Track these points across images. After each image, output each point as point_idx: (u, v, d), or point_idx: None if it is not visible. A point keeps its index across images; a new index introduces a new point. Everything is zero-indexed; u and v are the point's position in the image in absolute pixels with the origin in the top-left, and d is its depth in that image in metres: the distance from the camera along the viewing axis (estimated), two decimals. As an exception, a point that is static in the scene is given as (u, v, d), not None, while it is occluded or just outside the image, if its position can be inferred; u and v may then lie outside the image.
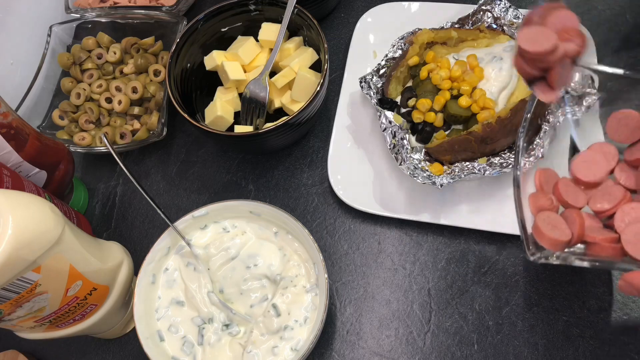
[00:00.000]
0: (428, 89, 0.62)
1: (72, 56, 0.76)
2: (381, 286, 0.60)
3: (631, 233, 0.41)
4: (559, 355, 0.54)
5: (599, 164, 0.47)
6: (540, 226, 0.43)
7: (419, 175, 0.57)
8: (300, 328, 0.52)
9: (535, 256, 0.43)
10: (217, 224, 0.58)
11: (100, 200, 0.71)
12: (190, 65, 0.69)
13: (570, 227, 0.44)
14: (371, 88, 0.64)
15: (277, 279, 0.55)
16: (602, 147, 0.48)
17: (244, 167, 0.70)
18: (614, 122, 0.47)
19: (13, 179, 0.53)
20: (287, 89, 0.68)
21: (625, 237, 0.42)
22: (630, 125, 0.46)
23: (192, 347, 0.53)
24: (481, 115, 0.58)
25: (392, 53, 0.66)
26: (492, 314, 0.57)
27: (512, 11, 0.63)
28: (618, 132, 0.47)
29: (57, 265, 0.45)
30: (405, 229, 0.62)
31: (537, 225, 0.44)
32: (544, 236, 0.43)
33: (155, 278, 0.55)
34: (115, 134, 0.70)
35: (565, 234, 0.43)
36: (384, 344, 0.57)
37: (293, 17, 0.66)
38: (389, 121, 0.59)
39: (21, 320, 0.47)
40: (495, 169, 0.57)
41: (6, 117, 0.55)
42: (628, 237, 0.41)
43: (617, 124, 0.47)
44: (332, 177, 0.64)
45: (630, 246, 0.41)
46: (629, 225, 0.42)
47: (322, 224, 0.64)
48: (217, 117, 0.66)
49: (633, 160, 0.46)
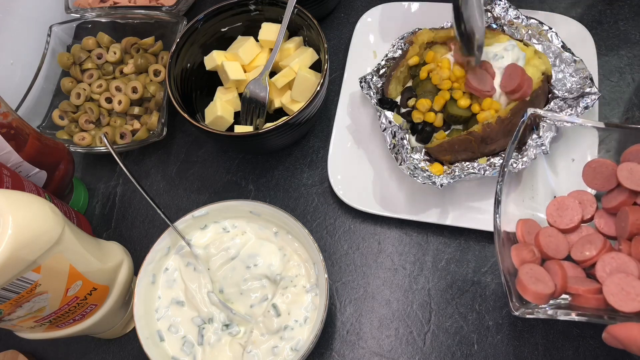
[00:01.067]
0: (428, 89, 0.62)
1: (72, 56, 0.76)
2: (381, 286, 0.60)
3: (612, 284, 0.42)
4: (559, 355, 0.54)
5: (573, 209, 0.48)
6: (524, 280, 0.43)
7: (419, 175, 0.57)
8: (300, 328, 0.52)
9: (519, 310, 0.42)
10: (217, 224, 0.58)
11: (100, 200, 0.71)
12: (190, 65, 0.69)
13: (553, 278, 0.44)
14: (371, 88, 0.64)
15: (277, 279, 0.55)
16: (580, 194, 0.49)
17: (244, 167, 0.70)
18: (590, 171, 0.48)
19: (13, 179, 0.53)
20: (287, 89, 0.68)
21: (606, 288, 0.42)
22: (604, 173, 0.47)
23: (192, 347, 0.53)
24: (481, 115, 0.58)
25: (392, 53, 0.66)
26: (492, 314, 0.57)
27: (512, 11, 0.63)
28: (594, 180, 0.48)
29: (57, 265, 0.45)
30: (405, 229, 0.62)
31: (520, 279, 0.43)
32: (527, 290, 0.43)
33: (155, 278, 0.55)
34: (115, 134, 0.70)
35: (548, 286, 0.43)
36: (384, 344, 0.57)
37: (293, 17, 0.66)
38: (389, 121, 0.59)
39: (21, 320, 0.47)
40: (495, 169, 0.57)
41: (6, 117, 0.55)
42: (609, 289, 0.42)
43: (593, 172, 0.48)
44: (332, 177, 0.64)
45: (611, 297, 0.41)
46: (609, 275, 0.43)
47: (322, 224, 0.64)
48: (217, 117, 0.66)
49: (611, 208, 0.47)
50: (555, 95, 0.60)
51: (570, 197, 0.49)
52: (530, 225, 0.48)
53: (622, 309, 0.41)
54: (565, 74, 0.61)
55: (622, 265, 0.43)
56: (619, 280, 0.41)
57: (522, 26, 0.63)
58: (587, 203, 0.48)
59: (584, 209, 0.48)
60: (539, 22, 0.63)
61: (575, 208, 0.48)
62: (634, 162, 0.46)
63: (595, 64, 0.64)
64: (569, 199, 0.49)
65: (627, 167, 0.46)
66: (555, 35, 0.62)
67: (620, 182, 0.46)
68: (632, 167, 0.46)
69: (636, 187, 0.45)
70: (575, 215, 0.48)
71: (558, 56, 0.61)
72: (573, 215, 0.48)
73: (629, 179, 0.45)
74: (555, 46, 0.61)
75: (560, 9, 0.71)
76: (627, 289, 0.41)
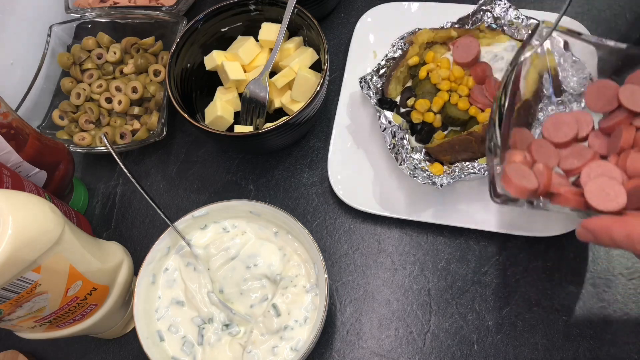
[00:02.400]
0: (427, 89, 0.62)
1: (72, 56, 0.76)
2: (381, 286, 0.60)
3: (594, 185, 0.42)
4: (559, 355, 0.54)
5: (569, 125, 0.48)
6: (509, 173, 0.44)
7: (419, 175, 0.57)
8: (300, 328, 0.52)
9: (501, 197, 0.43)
10: (217, 224, 0.58)
11: (100, 200, 0.71)
12: (190, 65, 0.69)
13: (538, 178, 0.44)
14: (371, 88, 0.64)
15: (277, 279, 0.55)
16: (578, 114, 0.49)
17: (244, 167, 0.70)
18: (593, 92, 0.49)
19: (13, 179, 0.53)
20: (287, 89, 0.68)
21: (588, 188, 0.42)
22: (607, 94, 0.48)
23: (192, 347, 0.53)
24: (482, 115, 0.58)
25: (392, 53, 0.66)
26: (492, 314, 0.57)
27: (512, 11, 0.63)
28: (596, 101, 0.48)
29: (57, 265, 0.45)
30: (405, 229, 0.62)
31: (506, 173, 0.44)
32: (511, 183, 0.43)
33: (155, 278, 0.55)
34: (115, 134, 0.70)
35: (532, 182, 0.44)
36: (384, 344, 0.57)
37: (293, 17, 0.66)
38: (389, 121, 0.59)
39: (21, 320, 0.47)
40: None
41: (6, 117, 0.55)
42: (590, 188, 0.42)
43: (596, 93, 0.48)
44: (332, 177, 0.64)
45: (592, 197, 0.42)
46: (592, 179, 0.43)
47: (322, 224, 0.64)
48: (217, 117, 0.66)
49: (607, 128, 0.48)
50: (555, 95, 0.60)
51: (568, 114, 0.49)
52: (524, 135, 0.48)
53: (600, 207, 0.41)
54: (565, 74, 0.61)
55: (607, 171, 0.44)
56: (602, 182, 0.42)
57: (522, 26, 0.63)
58: (584, 122, 0.48)
59: (580, 126, 0.48)
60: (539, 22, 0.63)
61: (572, 125, 0.48)
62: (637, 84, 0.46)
63: (595, 64, 0.64)
64: (567, 115, 0.49)
65: (629, 88, 0.46)
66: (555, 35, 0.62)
67: (621, 101, 0.46)
68: (634, 89, 0.46)
69: (635, 107, 0.45)
70: (570, 131, 0.48)
71: (562, 55, 0.61)
72: (568, 130, 0.48)
73: (630, 100, 0.46)
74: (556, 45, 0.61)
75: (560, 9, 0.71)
76: (607, 190, 0.42)
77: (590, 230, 0.41)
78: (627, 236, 0.38)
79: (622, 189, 0.42)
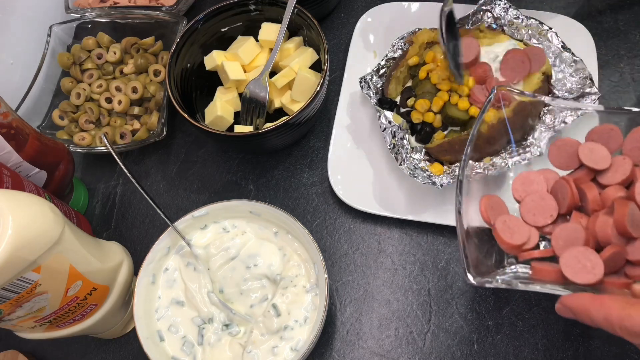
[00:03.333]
0: (427, 89, 0.62)
1: (72, 56, 0.76)
2: (381, 286, 0.60)
3: (569, 256, 0.42)
4: (559, 355, 0.54)
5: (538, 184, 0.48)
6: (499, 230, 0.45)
7: (419, 175, 0.57)
8: (300, 328, 0.52)
9: (476, 279, 0.43)
10: (217, 224, 0.58)
11: (100, 200, 0.71)
12: (190, 65, 0.69)
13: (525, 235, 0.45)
14: (371, 88, 0.64)
15: (277, 279, 0.55)
16: (545, 172, 0.49)
17: (244, 167, 0.70)
18: (555, 149, 0.49)
19: (13, 179, 0.53)
20: (287, 89, 0.68)
21: (563, 260, 0.42)
22: (568, 151, 0.48)
23: (192, 347, 0.53)
24: (481, 115, 0.58)
25: (392, 53, 0.66)
26: (492, 314, 0.57)
27: (512, 11, 0.63)
28: (559, 158, 0.49)
29: (57, 265, 0.45)
30: (405, 229, 0.62)
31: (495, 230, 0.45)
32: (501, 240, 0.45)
33: (155, 278, 0.55)
34: (115, 134, 0.70)
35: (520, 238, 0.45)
36: (384, 344, 0.57)
37: (293, 17, 0.66)
38: (389, 121, 0.59)
39: (21, 320, 0.47)
40: (495, 169, 0.57)
41: (6, 117, 0.55)
42: (566, 261, 0.42)
43: (557, 150, 0.49)
44: (332, 177, 0.64)
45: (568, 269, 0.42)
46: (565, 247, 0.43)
47: (322, 224, 0.64)
48: (217, 117, 0.66)
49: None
50: (555, 95, 0.60)
51: (535, 173, 0.49)
52: (494, 202, 0.48)
53: (577, 280, 0.41)
54: (565, 74, 0.61)
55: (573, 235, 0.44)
56: (577, 253, 0.42)
57: (522, 26, 0.63)
58: (551, 180, 0.49)
59: (549, 184, 0.48)
60: (539, 22, 0.63)
61: (540, 183, 0.48)
62: (597, 141, 0.47)
63: (595, 64, 0.64)
64: (534, 173, 0.49)
65: (588, 146, 0.47)
66: (555, 35, 0.62)
67: (581, 159, 0.47)
68: (593, 147, 0.47)
69: (594, 165, 0.46)
70: (540, 189, 0.48)
71: (558, 56, 0.61)
72: (538, 189, 0.48)
73: (589, 157, 0.46)
74: (555, 46, 0.61)
75: (560, 9, 0.71)
76: (583, 262, 0.42)
77: (569, 308, 0.40)
78: (605, 319, 0.37)
79: (598, 259, 0.41)
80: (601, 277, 0.41)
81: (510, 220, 0.46)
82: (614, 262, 0.42)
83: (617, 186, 0.45)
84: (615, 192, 0.45)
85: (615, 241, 0.42)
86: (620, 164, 0.46)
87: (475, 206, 0.48)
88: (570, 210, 0.47)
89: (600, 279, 0.41)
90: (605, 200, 0.45)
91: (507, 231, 0.45)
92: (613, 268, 0.42)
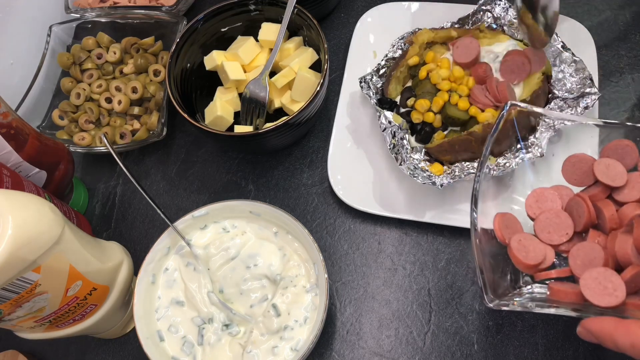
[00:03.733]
0: (427, 89, 0.62)
1: (72, 56, 0.76)
2: (381, 286, 0.60)
3: (590, 278, 0.41)
4: (559, 355, 0.54)
5: (552, 202, 0.48)
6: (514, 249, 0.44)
7: (419, 175, 0.57)
8: (300, 328, 0.52)
9: (494, 302, 0.42)
10: (217, 224, 0.58)
11: (100, 200, 0.71)
12: (190, 65, 0.69)
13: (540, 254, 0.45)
14: (371, 88, 0.64)
15: (277, 279, 0.55)
16: (559, 189, 0.48)
17: (244, 167, 0.70)
18: (569, 166, 0.48)
19: (13, 179, 0.53)
20: (287, 89, 0.68)
21: (584, 282, 0.41)
22: (583, 168, 0.47)
23: (192, 347, 0.53)
24: (482, 115, 0.58)
25: (392, 53, 0.66)
26: (492, 314, 0.57)
27: (512, 11, 0.63)
28: (573, 175, 0.48)
29: (57, 265, 0.45)
30: (405, 229, 0.62)
31: (510, 248, 0.44)
32: (516, 259, 0.44)
33: (155, 278, 0.55)
34: (115, 134, 0.70)
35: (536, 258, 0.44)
36: (384, 344, 0.57)
37: (293, 17, 0.66)
38: (389, 121, 0.59)
39: (21, 320, 0.47)
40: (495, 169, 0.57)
41: (6, 117, 0.55)
42: (587, 282, 0.41)
43: (572, 167, 0.48)
44: (332, 177, 0.64)
45: (589, 292, 0.41)
46: (585, 268, 0.42)
47: (322, 224, 0.64)
48: (217, 117, 0.66)
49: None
50: (555, 95, 0.60)
51: (549, 189, 0.49)
52: (507, 219, 0.48)
53: (599, 303, 0.40)
54: (565, 74, 0.61)
55: (591, 254, 0.43)
56: (598, 274, 0.41)
57: (522, 26, 0.63)
58: (566, 197, 0.48)
59: (564, 201, 0.48)
60: (539, 22, 0.63)
61: (555, 200, 0.47)
62: (612, 157, 0.46)
63: (595, 64, 0.64)
64: (548, 190, 0.48)
65: (604, 162, 0.46)
66: (555, 35, 0.62)
67: (596, 176, 0.46)
68: (609, 163, 0.46)
69: (610, 182, 0.45)
70: (555, 206, 0.47)
71: (558, 56, 0.61)
72: (552, 206, 0.47)
73: (605, 174, 0.45)
74: (555, 46, 0.61)
75: (560, 9, 0.71)
76: (605, 284, 0.41)
77: (592, 332, 0.39)
78: (631, 345, 0.36)
79: (619, 280, 0.40)
80: (623, 300, 0.40)
81: (525, 239, 0.45)
82: (635, 283, 0.41)
83: (634, 203, 0.44)
84: (633, 209, 0.44)
85: (635, 261, 0.41)
86: (637, 181, 0.45)
87: (487, 224, 0.47)
88: (587, 228, 0.45)
89: (622, 301, 0.40)
90: (622, 218, 0.44)
91: (523, 250, 0.44)
92: (634, 289, 0.41)
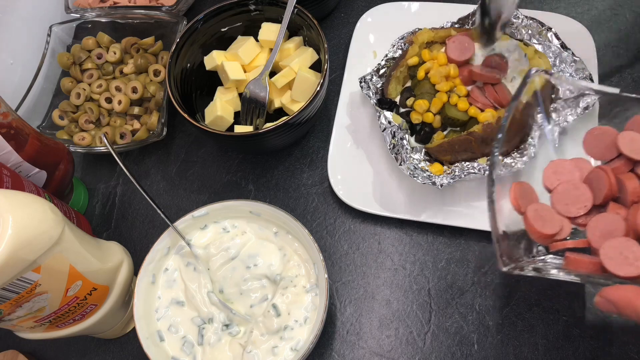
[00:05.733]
0: (426, 89, 0.62)
1: (72, 56, 0.76)
2: (381, 286, 0.60)
3: (610, 247, 0.40)
4: (559, 355, 0.54)
5: (570, 173, 0.46)
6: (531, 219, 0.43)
7: (419, 176, 0.57)
8: (300, 328, 0.52)
9: (508, 267, 0.41)
10: (217, 224, 0.58)
11: (100, 200, 0.71)
12: (190, 65, 0.69)
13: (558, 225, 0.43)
14: (371, 88, 0.64)
15: (277, 279, 0.55)
16: (578, 161, 0.47)
17: (244, 167, 0.70)
18: (591, 138, 0.47)
19: (13, 179, 0.53)
20: (287, 89, 0.68)
21: (603, 251, 0.40)
22: (605, 141, 0.46)
23: (192, 347, 0.53)
24: (481, 115, 0.58)
25: (392, 53, 0.66)
26: (492, 314, 0.57)
27: (512, 11, 0.63)
28: (594, 148, 0.47)
29: (57, 265, 0.45)
30: (405, 229, 0.62)
31: (527, 218, 0.43)
32: (533, 229, 0.43)
33: (155, 278, 0.55)
34: (115, 134, 0.70)
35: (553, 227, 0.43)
36: (384, 344, 0.57)
37: (293, 17, 0.66)
38: (389, 121, 0.60)
39: (21, 320, 0.47)
40: None
41: (6, 117, 0.55)
42: (607, 252, 0.40)
43: (594, 139, 0.47)
44: (332, 177, 0.64)
45: (609, 261, 0.40)
46: (605, 238, 0.41)
47: (322, 224, 0.64)
48: (217, 117, 0.66)
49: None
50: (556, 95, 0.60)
51: (568, 161, 0.47)
52: (524, 189, 0.47)
53: (619, 273, 0.40)
54: (565, 74, 0.61)
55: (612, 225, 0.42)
56: (618, 244, 0.40)
57: (522, 26, 0.63)
58: (585, 170, 0.47)
59: (582, 174, 0.47)
60: (538, 22, 0.63)
61: (574, 172, 0.46)
62: (637, 131, 0.45)
63: (595, 64, 0.64)
64: (566, 161, 0.47)
65: (629, 135, 0.45)
66: (555, 36, 0.62)
67: (620, 149, 0.44)
68: (633, 136, 0.44)
69: (635, 155, 0.44)
70: (574, 178, 0.46)
71: (558, 56, 0.61)
72: (571, 178, 0.46)
73: (629, 147, 0.44)
74: (555, 46, 0.61)
75: (560, 9, 0.71)
76: (626, 253, 0.40)
77: (612, 300, 0.38)
78: None
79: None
80: None
81: (542, 209, 0.44)
82: None
83: None
84: None
85: None
86: None
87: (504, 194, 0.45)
88: (606, 201, 0.44)
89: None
90: None
91: (539, 220, 0.43)
92: None
